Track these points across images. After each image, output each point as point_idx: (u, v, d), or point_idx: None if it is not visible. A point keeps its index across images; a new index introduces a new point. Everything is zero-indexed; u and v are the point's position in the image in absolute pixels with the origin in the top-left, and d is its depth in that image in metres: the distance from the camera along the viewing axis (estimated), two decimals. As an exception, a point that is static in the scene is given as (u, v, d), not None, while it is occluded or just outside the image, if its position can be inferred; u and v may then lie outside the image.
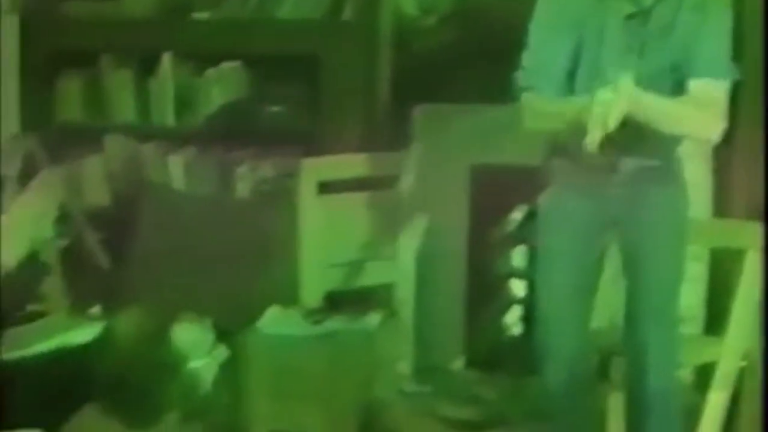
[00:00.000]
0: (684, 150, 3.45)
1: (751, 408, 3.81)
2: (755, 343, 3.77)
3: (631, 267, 3.45)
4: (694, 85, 3.28)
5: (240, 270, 4.41)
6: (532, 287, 3.71)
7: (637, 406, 3.49)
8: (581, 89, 3.28)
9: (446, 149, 4.33)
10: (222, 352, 3.02)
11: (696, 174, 3.82)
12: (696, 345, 3.82)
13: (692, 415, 3.65)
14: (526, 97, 3.34)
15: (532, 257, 3.69)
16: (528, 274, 3.75)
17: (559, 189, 3.45)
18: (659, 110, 3.21)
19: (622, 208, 3.38)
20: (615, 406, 3.75)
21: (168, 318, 2.84)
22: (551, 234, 3.49)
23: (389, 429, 4.02)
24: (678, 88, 3.29)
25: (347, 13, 4.55)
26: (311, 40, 4.56)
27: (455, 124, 4.33)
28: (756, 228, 3.74)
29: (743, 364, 3.75)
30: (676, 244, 3.43)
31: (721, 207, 4.17)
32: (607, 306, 3.68)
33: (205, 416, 3.17)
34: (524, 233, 3.73)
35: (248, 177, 4.69)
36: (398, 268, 4.38)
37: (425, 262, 4.38)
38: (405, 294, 4.38)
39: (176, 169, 4.73)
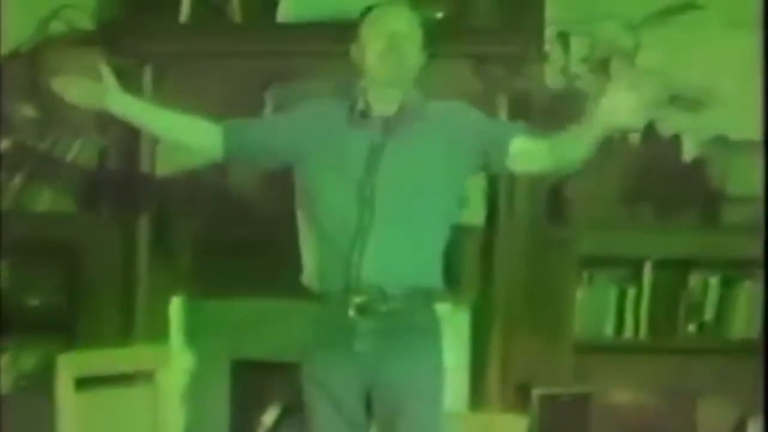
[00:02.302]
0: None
1: None
2: None
3: None
4: None
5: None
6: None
7: None
8: None
9: (207, 342, 4.26)
10: None
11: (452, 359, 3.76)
12: None
13: None
14: None
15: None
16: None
17: (316, 367, 3.37)
18: None
19: (375, 375, 3.30)
20: None
21: None
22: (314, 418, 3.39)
23: None
24: None
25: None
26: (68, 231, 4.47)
27: (217, 317, 4.27)
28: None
29: None
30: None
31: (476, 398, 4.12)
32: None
33: None
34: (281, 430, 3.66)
35: (10, 370, 4.53)
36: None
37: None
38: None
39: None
